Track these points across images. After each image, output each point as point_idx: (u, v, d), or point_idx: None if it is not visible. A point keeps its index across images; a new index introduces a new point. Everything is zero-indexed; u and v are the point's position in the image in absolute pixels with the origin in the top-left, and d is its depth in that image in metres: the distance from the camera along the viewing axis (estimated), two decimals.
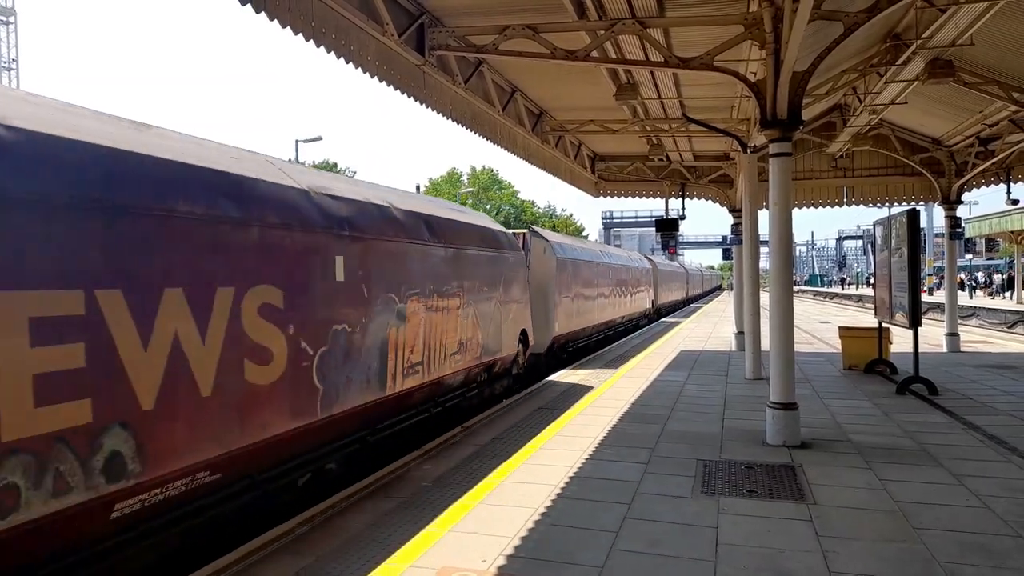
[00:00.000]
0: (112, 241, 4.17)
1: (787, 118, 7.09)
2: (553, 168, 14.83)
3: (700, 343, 18.05)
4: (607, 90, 10.58)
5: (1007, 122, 12.56)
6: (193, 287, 4.70)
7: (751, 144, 11.75)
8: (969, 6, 7.98)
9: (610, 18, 7.67)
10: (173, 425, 4.50)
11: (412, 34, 7.81)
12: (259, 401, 5.28)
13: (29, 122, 3.96)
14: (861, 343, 12.40)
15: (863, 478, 5.89)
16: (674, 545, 4.49)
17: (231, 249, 5.13)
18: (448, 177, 61.32)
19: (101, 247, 4.10)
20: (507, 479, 6.00)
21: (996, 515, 4.95)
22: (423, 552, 4.43)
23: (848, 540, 4.53)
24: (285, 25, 5.90)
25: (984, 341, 17.80)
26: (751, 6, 7.55)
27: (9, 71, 54.31)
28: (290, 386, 5.63)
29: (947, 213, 15.47)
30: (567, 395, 10.90)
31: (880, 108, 12.01)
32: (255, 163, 6.02)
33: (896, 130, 14.99)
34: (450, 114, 9.38)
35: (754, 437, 7.32)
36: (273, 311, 5.47)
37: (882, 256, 11.56)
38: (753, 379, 11.33)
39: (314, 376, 5.93)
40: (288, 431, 5.62)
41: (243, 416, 5.12)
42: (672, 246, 39.96)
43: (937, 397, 9.50)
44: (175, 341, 4.51)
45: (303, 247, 5.94)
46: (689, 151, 16.26)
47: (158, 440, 4.38)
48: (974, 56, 10.10)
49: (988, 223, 32.12)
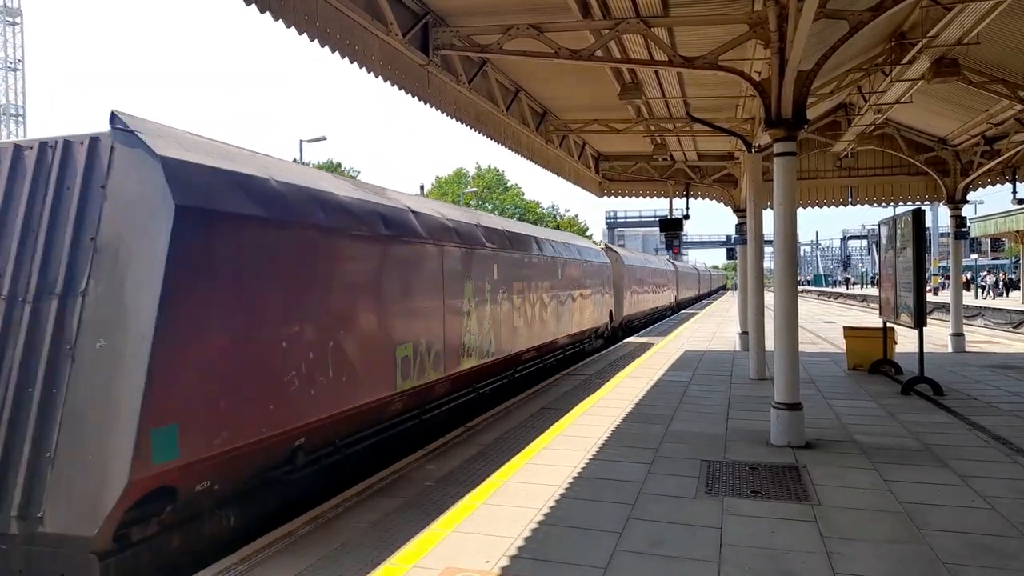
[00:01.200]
0: (465, 259, 9.67)
1: (792, 117, 7.07)
2: (557, 168, 14.82)
3: (704, 343, 18.02)
4: (611, 90, 10.56)
5: (1013, 121, 12.50)
6: (477, 280, 10.07)
7: (755, 143, 11.73)
8: (975, 4, 7.94)
9: (614, 17, 7.66)
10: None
11: (416, 34, 7.81)
12: (518, 333, 11.93)
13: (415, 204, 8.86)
14: (866, 343, 12.36)
15: (868, 479, 5.87)
16: (678, 546, 4.48)
17: (476, 261, 10.11)
18: (455, 177, 61.38)
19: (466, 262, 9.69)
20: (510, 479, 5.99)
21: (1002, 516, 4.93)
22: (426, 552, 4.43)
23: (853, 541, 4.51)
24: (290, 25, 5.91)
25: (989, 341, 17.74)
26: (756, 5, 7.53)
27: (15, 72, 54.51)
28: (538, 323, 13.10)
29: (952, 213, 15.40)
30: (570, 395, 10.90)
31: (885, 107, 11.97)
32: (465, 214, 11.25)
33: (901, 129, 14.94)
34: (454, 114, 9.38)
35: (758, 437, 7.30)
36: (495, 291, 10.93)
37: (887, 256, 11.52)
38: (757, 379, 11.30)
39: (549, 320, 13.86)
40: (546, 342, 13.61)
41: (533, 337, 12.76)
42: (676, 246, 39.93)
43: (942, 397, 9.47)
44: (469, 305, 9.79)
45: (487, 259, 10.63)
46: (693, 151, 16.23)
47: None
48: (980, 55, 10.06)
49: (993, 223, 31.96)
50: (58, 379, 4.42)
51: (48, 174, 4.84)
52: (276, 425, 5.48)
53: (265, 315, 5.46)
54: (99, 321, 4.47)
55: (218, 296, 5.02)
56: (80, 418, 4.33)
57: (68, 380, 4.40)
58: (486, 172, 61.57)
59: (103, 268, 4.56)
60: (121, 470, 4.19)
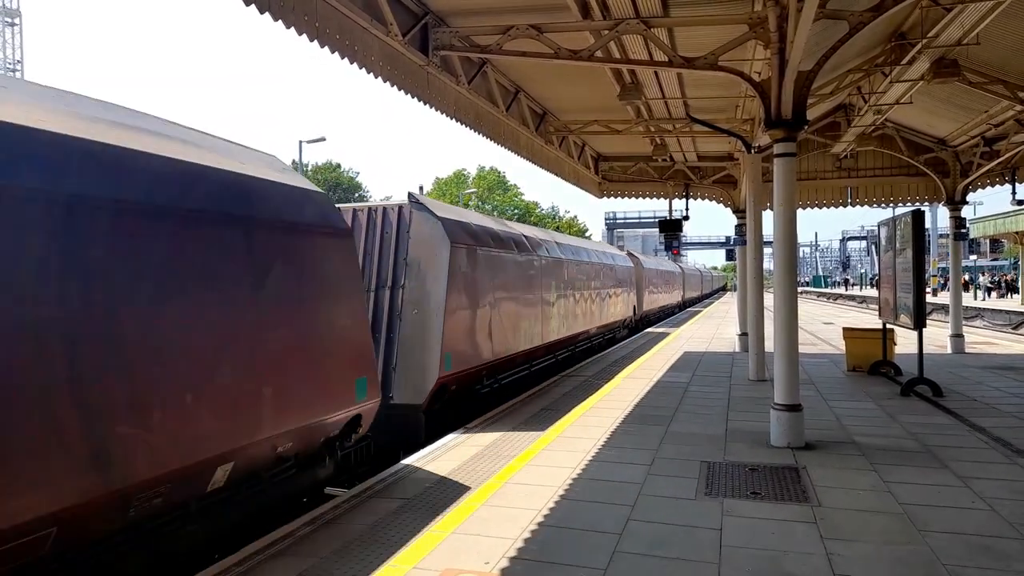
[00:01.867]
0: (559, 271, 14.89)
1: (792, 118, 7.06)
2: (557, 169, 14.82)
3: (703, 344, 18.02)
4: (611, 90, 10.56)
5: (1013, 122, 12.50)
6: (555, 280, 14.53)
7: (755, 144, 11.72)
8: (975, 5, 7.95)
9: (614, 18, 7.66)
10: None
11: (416, 34, 7.81)
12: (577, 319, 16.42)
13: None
14: (865, 344, 12.35)
15: (868, 480, 5.86)
16: (678, 547, 4.48)
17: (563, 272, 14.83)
18: (455, 178, 61.41)
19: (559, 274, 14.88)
20: (510, 480, 5.98)
21: (1002, 517, 4.93)
22: (426, 554, 4.42)
23: (852, 542, 4.51)
24: (290, 26, 5.91)
25: (988, 342, 17.74)
26: (756, 6, 7.53)
27: (14, 72, 54.53)
28: (589, 313, 17.48)
29: (952, 213, 15.39)
30: (570, 396, 10.89)
31: (885, 108, 11.97)
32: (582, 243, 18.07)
33: (901, 130, 14.95)
34: (454, 114, 9.38)
35: (758, 439, 7.30)
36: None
37: (886, 257, 11.51)
38: (757, 380, 11.29)
39: (596, 311, 18.39)
40: (593, 327, 18.08)
41: (586, 323, 17.35)
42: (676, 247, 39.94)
43: (942, 399, 9.47)
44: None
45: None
46: (693, 151, 16.24)
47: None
48: (979, 55, 10.06)
49: (993, 223, 31.99)
50: (395, 329, 9.09)
51: (380, 226, 9.54)
52: (480, 361, 10.43)
53: (484, 298, 10.54)
54: (412, 300, 9.16)
55: (466, 288, 9.90)
56: (408, 348, 9.01)
57: (399, 330, 9.06)
58: (488, 173, 61.59)
59: (412, 273, 9.24)
60: (432, 372, 8.91)
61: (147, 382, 4.22)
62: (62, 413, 3.74)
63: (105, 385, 3.99)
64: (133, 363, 4.15)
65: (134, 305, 4.22)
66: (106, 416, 3.98)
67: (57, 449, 3.70)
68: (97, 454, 3.92)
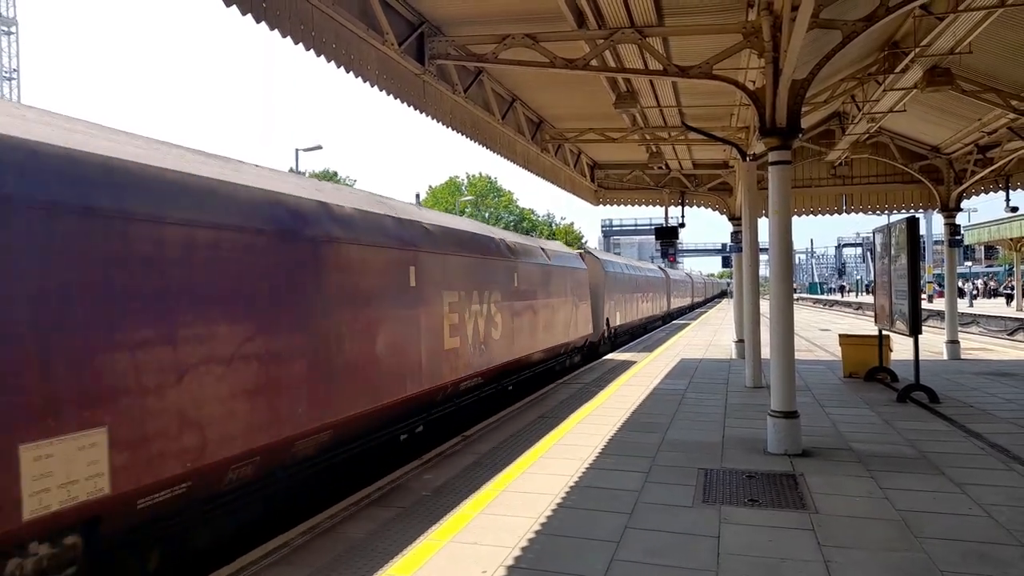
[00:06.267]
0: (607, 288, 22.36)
1: (786, 126, 7.10)
2: (553, 176, 14.86)
3: (700, 351, 18.04)
4: (606, 99, 10.60)
5: (1005, 130, 12.58)
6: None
7: (750, 152, 11.77)
8: (967, 14, 8.01)
9: (609, 27, 7.70)
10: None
11: (412, 43, 7.83)
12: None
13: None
14: (861, 351, 12.38)
15: (865, 487, 5.87)
16: (675, 555, 4.47)
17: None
18: (448, 185, 61.55)
19: (615, 289, 23.31)
20: (507, 488, 5.98)
21: (999, 524, 4.93)
22: (423, 563, 4.40)
23: (850, 549, 4.51)
24: (285, 35, 5.92)
25: (984, 348, 17.78)
26: (750, 15, 7.58)
27: (10, 81, 54.53)
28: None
29: (946, 220, 15.47)
30: (566, 403, 10.88)
31: (879, 116, 12.04)
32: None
33: (895, 138, 15.03)
34: (450, 123, 9.40)
35: (755, 446, 7.30)
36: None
37: (882, 264, 11.55)
38: (753, 387, 11.30)
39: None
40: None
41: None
42: (672, 254, 40.03)
43: (938, 405, 9.49)
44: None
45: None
46: (688, 159, 16.30)
47: None
48: (972, 64, 10.13)
49: (987, 230, 32.16)
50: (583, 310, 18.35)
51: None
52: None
53: (624, 297, 23.95)
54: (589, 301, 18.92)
55: (614, 295, 22.08)
56: (590, 317, 18.77)
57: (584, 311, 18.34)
58: (477, 180, 61.82)
59: (590, 291, 18.75)
60: (599, 328, 20.08)
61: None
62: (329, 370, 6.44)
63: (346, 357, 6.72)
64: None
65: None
66: (367, 365, 7.07)
67: (331, 383, 6.46)
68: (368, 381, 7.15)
